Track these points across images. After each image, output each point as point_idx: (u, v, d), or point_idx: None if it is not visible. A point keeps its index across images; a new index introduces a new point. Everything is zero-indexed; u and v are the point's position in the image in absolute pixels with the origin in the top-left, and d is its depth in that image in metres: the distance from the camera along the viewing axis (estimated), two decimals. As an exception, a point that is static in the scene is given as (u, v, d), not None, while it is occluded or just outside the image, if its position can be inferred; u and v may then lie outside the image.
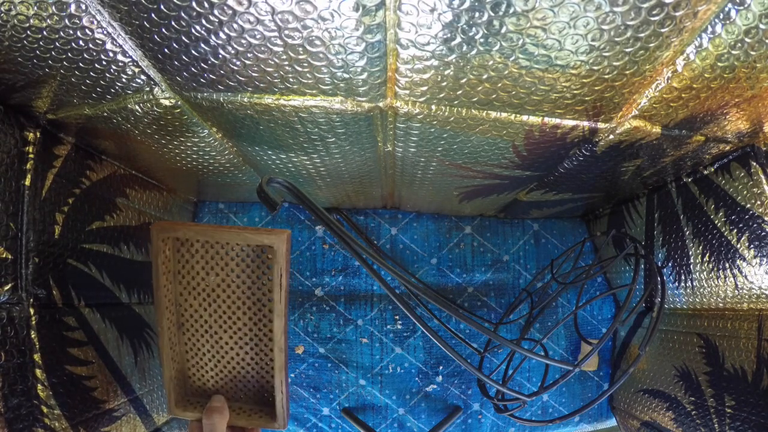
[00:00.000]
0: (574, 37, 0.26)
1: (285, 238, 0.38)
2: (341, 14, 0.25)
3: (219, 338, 0.43)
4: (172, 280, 0.41)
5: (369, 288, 0.70)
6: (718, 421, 0.48)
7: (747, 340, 0.46)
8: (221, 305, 0.42)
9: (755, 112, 0.36)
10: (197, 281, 0.41)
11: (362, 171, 0.50)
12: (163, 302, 0.40)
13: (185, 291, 0.41)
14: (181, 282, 0.41)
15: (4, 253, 0.36)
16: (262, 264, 0.40)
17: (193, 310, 0.42)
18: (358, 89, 0.32)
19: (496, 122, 0.36)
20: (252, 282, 0.41)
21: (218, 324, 0.42)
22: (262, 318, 0.42)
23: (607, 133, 0.38)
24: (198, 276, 0.41)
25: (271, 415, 0.43)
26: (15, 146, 0.37)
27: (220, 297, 0.41)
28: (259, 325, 0.42)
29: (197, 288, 0.41)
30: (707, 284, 0.51)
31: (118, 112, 0.37)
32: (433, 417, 0.69)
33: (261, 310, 0.42)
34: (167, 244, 0.39)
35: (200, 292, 0.41)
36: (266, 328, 0.42)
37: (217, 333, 0.43)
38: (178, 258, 0.40)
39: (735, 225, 0.46)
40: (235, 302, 0.41)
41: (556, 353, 0.71)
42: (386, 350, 0.69)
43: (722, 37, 0.27)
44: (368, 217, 0.71)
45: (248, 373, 0.44)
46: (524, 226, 0.74)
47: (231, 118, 0.37)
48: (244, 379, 0.44)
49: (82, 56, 0.30)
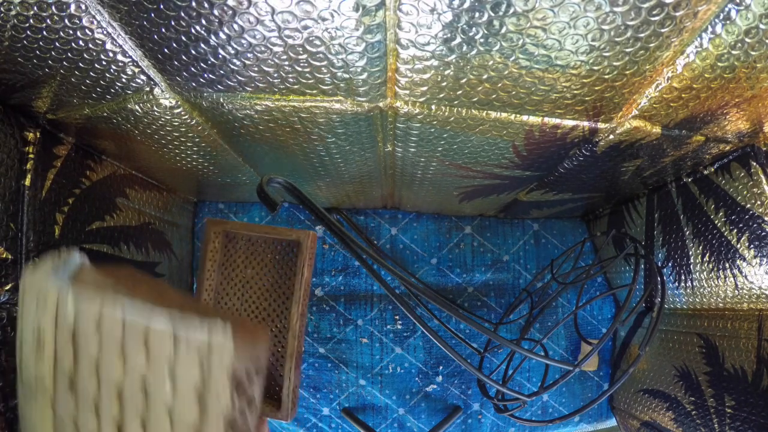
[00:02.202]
0: (574, 37, 0.26)
1: (310, 235, 0.44)
2: (341, 14, 0.25)
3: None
4: (216, 271, 0.47)
5: (369, 288, 0.70)
6: (718, 421, 0.48)
7: (747, 340, 0.46)
8: (251, 297, 0.47)
9: (755, 112, 0.36)
10: (236, 273, 0.47)
11: (362, 171, 0.50)
12: (205, 290, 0.46)
13: (225, 281, 0.47)
14: (222, 273, 0.47)
15: (4, 253, 0.36)
16: (290, 261, 0.46)
17: (228, 299, 0.47)
18: (358, 89, 0.32)
19: (496, 122, 0.36)
20: (279, 276, 0.46)
21: (246, 313, 0.47)
22: (283, 310, 0.46)
23: (607, 133, 0.38)
24: (237, 268, 0.47)
25: (277, 405, 0.44)
26: (15, 146, 0.37)
27: (252, 289, 0.47)
28: (281, 317, 0.46)
29: (235, 279, 0.47)
30: (707, 284, 0.51)
31: (118, 112, 0.37)
32: (433, 417, 0.69)
33: (284, 303, 0.46)
34: (218, 237, 0.46)
35: (236, 283, 0.47)
36: (284, 315, 0.46)
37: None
38: (224, 251, 0.46)
39: (735, 225, 0.46)
40: (263, 294, 0.47)
41: (556, 353, 0.71)
42: (386, 350, 0.69)
43: (722, 38, 0.27)
44: (368, 217, 0.71)
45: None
46: (524, 226, 0.74)
47: (231, 118, 0.37)
48: None
49: (82, 56, 0.30)
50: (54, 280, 0.21)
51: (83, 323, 0.21)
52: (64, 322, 0.21)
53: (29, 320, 0.21)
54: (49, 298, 0.21)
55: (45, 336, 0.21)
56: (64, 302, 0.21)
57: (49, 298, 0.21)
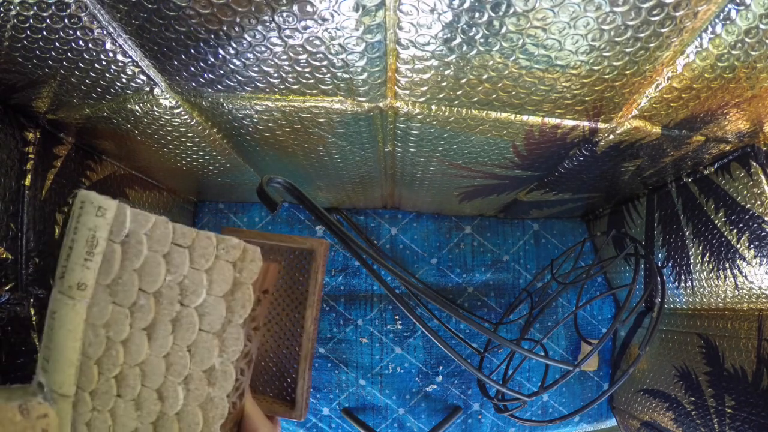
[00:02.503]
0: (575, 37, 0.26)
1: (324, 244, 0.45)
2: (341, 14, 0.25)
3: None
4: None
5: (369, 288, 0.70)
6: (718, 421, 0.48)
7: (747, 340, 0.46)
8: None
9: (755, 112, 0.36)
10: None
11: (362, 171, 0.50)
12: None
13: None
14: None
15: (4, 253, 0.36)
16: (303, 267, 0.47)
17: None
18: (358, 89, 0.32)
19: (496, 122, 0.36)
20: (293, 282, 0.47)
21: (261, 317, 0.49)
22: (297, 314, 0.47)
23: (607, 133, 0.38)
24: None
25: (291, 405, 0.46)
26: (15, 146, 0.37)
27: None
28: (295, 320, 0.47)
29: None
30: (707, 284, 0.51)
31: (118, 112, 0.37)
32: (433, 417, 0.69)
33: (297, 307, 0.47)
34: None
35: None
36: (298, 319, 0.47)
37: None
38: None
39: (735, 225, 0.46)
40: (277, 299, 0.47)
41: (556, 353, 0.71)
42: (386, 350, 0.69)
43: (722, 38, 0.27)
44: (368, 217, 0.71)
45: (276, 363, 0.48)
46: (524, 226, 0.74)
47: (231, 118, 0.37)
48: (271, 369, 0.48)
49: (82, 56, 0.30)
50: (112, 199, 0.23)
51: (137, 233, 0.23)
52: (120, 231, 0.23)
53: (86, 227, 0.22)
54: (109, 209, 0.23)
55: (98, 242, 0.23)
56: (123, 214, 0.23)
57: (109, 210, 0.23)
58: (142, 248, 0.23)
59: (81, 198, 0.23)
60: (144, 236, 0.23)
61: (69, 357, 0.22)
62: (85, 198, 0.22)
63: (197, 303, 0.25)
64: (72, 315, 0.22)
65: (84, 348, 0.22)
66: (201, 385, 0.25)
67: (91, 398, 0.23)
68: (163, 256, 0.24)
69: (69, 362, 0.22)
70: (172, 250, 0.24)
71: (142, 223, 0.23)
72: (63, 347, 0.22)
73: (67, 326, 0.22)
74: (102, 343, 0.23)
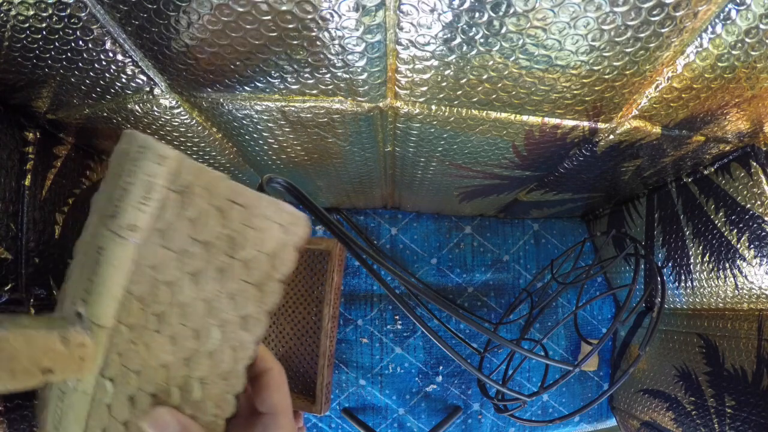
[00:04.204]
0: (575, 38, 0.26)
1: (338, 244, 0.46)
2: (341, 14, 0.25)
3: (282, 328, 0.52)
4: None
5: (369, 288, 0.70)
6: (719, 422, 0.48)
7: (747, 340, 0.46)
8: (286, 301, 0.50)
9: (755, 112, 0.36)
10: None
11: (362, 171, 0.50)
12: None
13: None
14: None
15: (4, 253, 0.36)
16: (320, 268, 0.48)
17: None
18: (358, 89, 0.32)
19: (496, 122, 0.36)
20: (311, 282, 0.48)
21: (284, 317, 0.50)
22: (316, 312, 0.49)
23: (607, 134, 0.38)
24: None
25: (311, 400, 0.47)
26: (15, 146, 0.37)
27: (288, 294, 0.49)
28: (314, 319, 0.49)
29: None
30: (707, 284, 0.51)
31: (118, 112, 0.37)
32: (433, 417, 0.69)
33: (316, 306, 0.49)
34: None
35: None
36: (317, 317, 0.49)
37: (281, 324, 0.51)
38: None
39: (735, 225, 0.46)
40: (297, 298, 0.49)
41: (556, 353, 0.71)
42: (386, 350, 0.69)
43: (722, 38, 0.27)
44: (368, 217, 0.71)
45: (296, 360, 0.49)
46: (524, 226, 0.74)
47: (231, 118, 0.37)
48: (292, 366, 0.50)
49: (82, 56, 0.30)
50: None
51: (194, 185, 0.24)
52: (177, 181, 0.23)
53: (144, 172, 0.22)
54: (169, 158, 0.23)
55: (155, 189, 0.23)
56: (182, 165, 0.23)
57: (169, 159, 0.23)
58: (197, 200, 0.24)
59: (140, 142, 0.22)
60: (202, 189, 0.24)
61: (113, 291, 0.23)
62: (145, 143, 0.22)
63: (245, 257, 0.26)
64: (120, 253, 0.23)
65: (128, 285, 0.23)
66: (236, 329, 0.27)
67: (128, 331, 0.24)
68: (218, 209, 0.25)
69: (112, 296, 0.23)
70: (228, 206, 0.25)
71: (200, 176, 0.24)
72: (108, 282, 0.23)
73: (114, 263, 0.23)
74: (147, 282, 0.24)
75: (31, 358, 0.20)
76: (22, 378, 0.20)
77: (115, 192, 0.23)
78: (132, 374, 0.24)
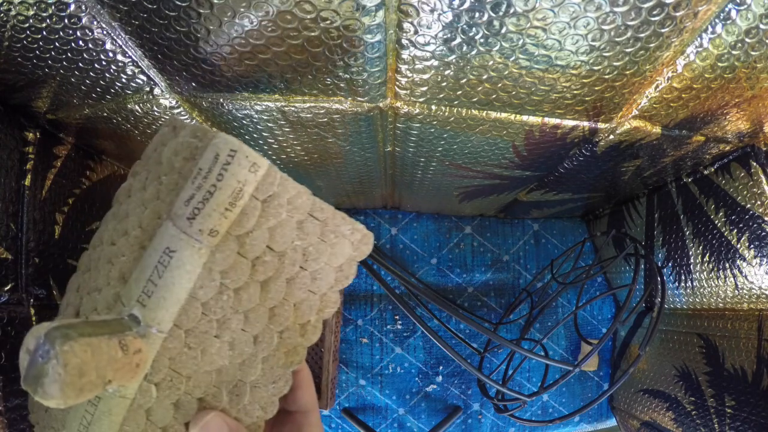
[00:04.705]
0: (575, 38, 0.26)
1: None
2: (341, 14, 0.25)
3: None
4: None
5: (369, 288, 0.70)
6: (719, 422, 0.48)
7: (747, 340, 0.46)
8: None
9: (755, 112, 0.36)
10: None
11: (362, 171, 0.50)
12: None
13: None
14: None
15: (4, 253, 0.36)
16: None
17: None
18: (358, 89, 0.32)
19: (496, 122, 0.36)
20: None
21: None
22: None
23: (607, 134, 0.38)
24: None
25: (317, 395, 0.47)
26: (15, 146, 0.37)
27: None
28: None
29: None
30: (707, 284, 0.51)
31: (118, 112, 0.37)
32: (433, 417, 0.69)
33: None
34: None
35: None
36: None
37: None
38: None
39: (735, 225, 0.46)
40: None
41: (556, 353, 0.71)
42: (386, 350, 0.69)
43: (723, 38, 0.27)
44: (368, 217, 0.71)
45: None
46: (524, 226, 0.74)
47: (231, 118, 0.37)
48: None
49: (82, 56, 0.30)
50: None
51: (280, 196, 0.24)
52: (265, 190, 0.23)
53: (235, 178, 0.22)
54: (262, 167, 0.23)
55: (243, 196, 0.22)
56: (272, 176, 0.23)
57: (261, 168, 0.23)
58: (280, 211, 0.24)
59: (231, 146, 0.22)
60: (285, 200, 0.24)
61: (178, 296, 0.22)
62: (238, 148, 0.22)
63: (314, 269, 0.26)
64: (195, 258, 0.22)
65: (194, 289, 0.22)
66: (294, 336, 0.27)
67: (185, 335, 0.23)
68: (297, 222, 0.25)
69: (176, 301, 0.22)
70: (307, 220, 0.25)
71: (287, 188, 0.24)
72: (174, 286, 0.22)
73: (186, 267, 0.22)
74: (214, 288, 0.23)
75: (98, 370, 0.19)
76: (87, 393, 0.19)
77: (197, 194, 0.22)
78: (182, 378, 0.24)
